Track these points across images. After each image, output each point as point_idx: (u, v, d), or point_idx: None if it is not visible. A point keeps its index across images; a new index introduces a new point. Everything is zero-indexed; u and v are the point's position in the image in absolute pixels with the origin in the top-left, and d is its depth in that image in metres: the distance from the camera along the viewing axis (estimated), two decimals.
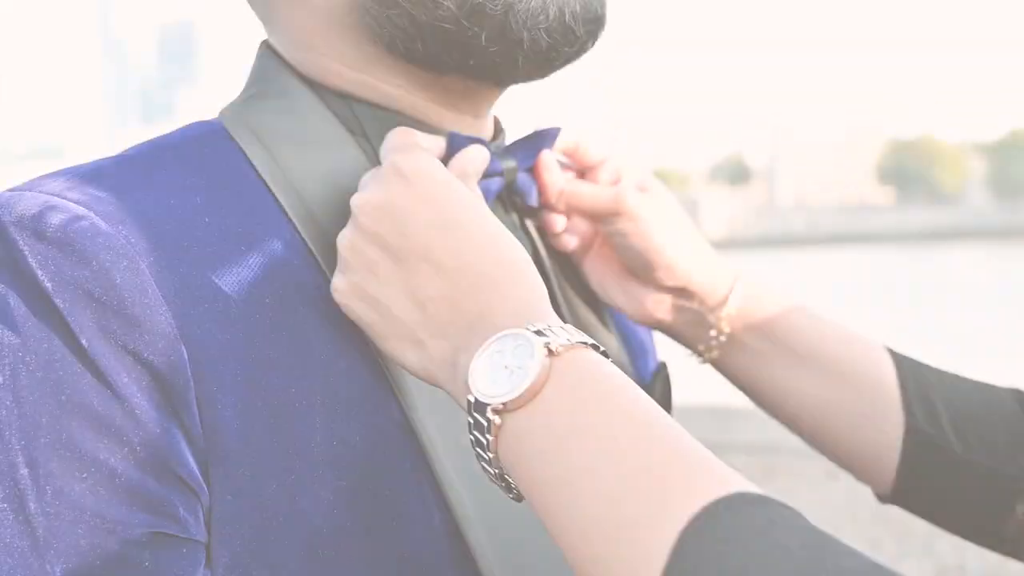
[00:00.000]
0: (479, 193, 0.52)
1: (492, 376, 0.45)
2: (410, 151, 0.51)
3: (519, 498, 0.47)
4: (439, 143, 0.55)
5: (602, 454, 0.42)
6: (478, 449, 0.46)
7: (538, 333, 0.45)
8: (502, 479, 0.46)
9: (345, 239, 0.50)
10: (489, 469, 0.46)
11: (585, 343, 0.46)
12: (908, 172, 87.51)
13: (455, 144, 0.55)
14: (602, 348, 0.46)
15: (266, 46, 0.59)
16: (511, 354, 0.45)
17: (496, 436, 0.44)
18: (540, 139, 0.60)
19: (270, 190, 0.53)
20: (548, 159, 0.61)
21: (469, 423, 0.46)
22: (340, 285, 0.50)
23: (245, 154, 0.54)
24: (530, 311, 0.47)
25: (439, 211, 0.49)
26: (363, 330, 0.50)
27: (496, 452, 0.45)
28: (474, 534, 0.51)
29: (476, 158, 0.55)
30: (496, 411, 0.44)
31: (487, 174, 0.56)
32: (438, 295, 0.48)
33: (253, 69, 0.60)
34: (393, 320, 0.49)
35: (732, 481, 0.40)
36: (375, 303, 0.49)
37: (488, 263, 0.48)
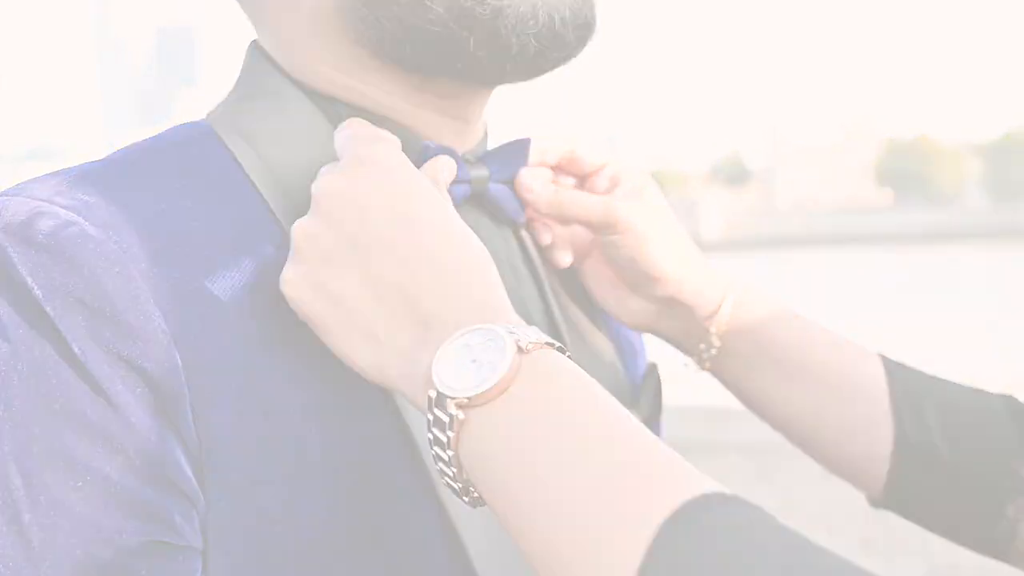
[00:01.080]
0: (448, 198, 0.52)
1: (458, 370, 0.43)
2: (374, 142, 0.51)
3: (476, 503, 0.46)
4: (396, 139, 0.53)
5: (572, 452, 0.41)
6: (436, 449, 0.45)
7: (509, 332, 0.44)
8: (459, 480, 0.45)
9: (301, 227, 0.49)
10: (447, 470, 0.45)
11: (552, 344, 0.45)
12: (906, 173, 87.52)
13: (427, 154, 0.55)
14: (568, 352, 0.46)
15: (255, 46, 0.59)
16: (480, 348, 0.44)
17: (458, 433, 0.43)
18: (513, 153, 0.61)
19: (260, 193, 0.53)
20: (527, 180, 0.61)
21: (428, 420, 0.45)
22: (290, 275, 0.48)
23: (234, 156, 0.54)
24: (490, 310, 0.46)
25: (403, 203, 0.48)
26: (311, 326, 0.49)
27: (456, 450, 0.44)
28: (471, 540, 0.51)
29: (443, 168, 0.54)
30: (460, 406, 0.43)
31: (453, 181, 0.56)
32: (398, 288, 0.47)
33: (242, 69, 0.59)
34: (347, 313, 0.47)
35: (705, 483, 0.40)
36: (329, 294, 0.48)
37: (450, 260, 0.47)
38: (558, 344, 0.46)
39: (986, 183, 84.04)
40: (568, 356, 0.46)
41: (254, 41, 0.60)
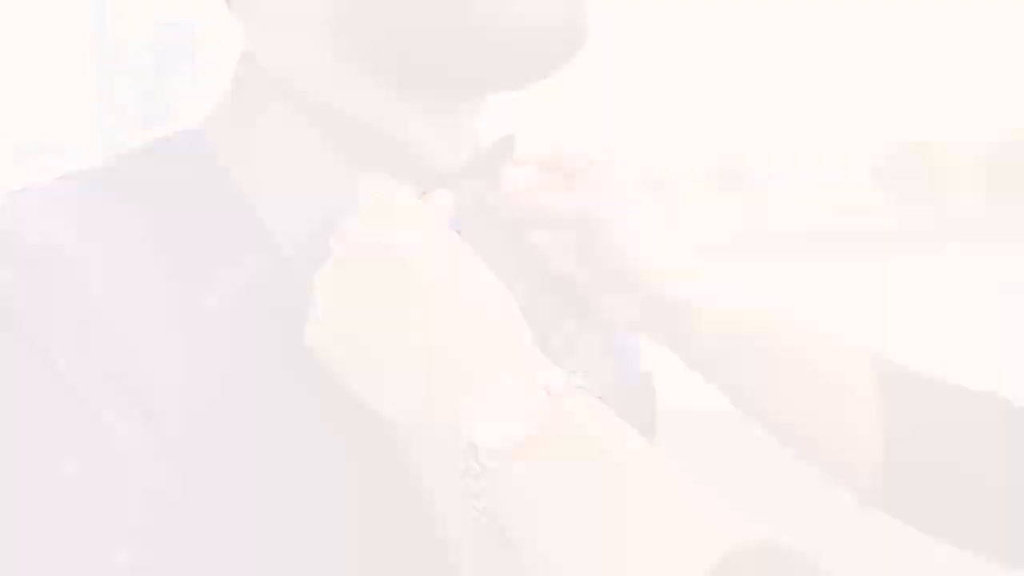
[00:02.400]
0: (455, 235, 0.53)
1: (491, 420, 0.45)
2: (401, 197, 0.52)
3: (506, 547, 0.48)
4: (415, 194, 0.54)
5: (610, 501, 0.42)
6: (471, 499, 0.46)
7: (538, 377, 0.46)
8: (491, 530, 0.47)
9: (328, 278, 0.50)
10: (480, 518, 0.46)
11: (583, 387, 0.47)
12: (906, 174, 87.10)
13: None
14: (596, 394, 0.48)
15: (246, 56, 0.60)
16: (513, 397, 0.45)
17: (492, 483, 0.44)
18: (498, 153, 0.61)
19: (252, 208, 0.54)
20: (510, 179, 0.62)
21: (461, 469, 0.46)
22: (316, 326, 0.49)
23: (226, 168, 0.55)
24: (518, 358, 0.48)
25: (436, 253, 0.50)
26: (334, 372, 0.49)
27: (490, 500, 0.45)
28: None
29: (444, 204, 0.55)
30: (494, 457, 0.44)
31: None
32: (431, 336, 0.48)
33: (232, 79, 0.60)
34: (378, 364, 0.48)
35: (753, 528, 0.39)
36: (360, 346, 0.49)
37: (483, 311, 0.49)
38: (582, 384, 0.47)
39: (986, 184, 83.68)
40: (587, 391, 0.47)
41: (245, 50, 0.60)
